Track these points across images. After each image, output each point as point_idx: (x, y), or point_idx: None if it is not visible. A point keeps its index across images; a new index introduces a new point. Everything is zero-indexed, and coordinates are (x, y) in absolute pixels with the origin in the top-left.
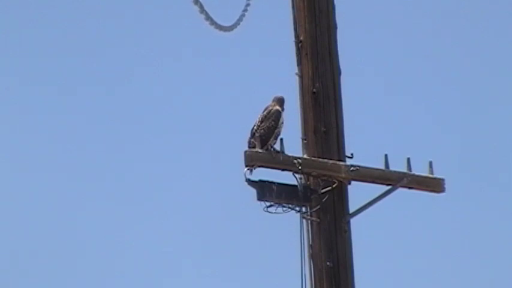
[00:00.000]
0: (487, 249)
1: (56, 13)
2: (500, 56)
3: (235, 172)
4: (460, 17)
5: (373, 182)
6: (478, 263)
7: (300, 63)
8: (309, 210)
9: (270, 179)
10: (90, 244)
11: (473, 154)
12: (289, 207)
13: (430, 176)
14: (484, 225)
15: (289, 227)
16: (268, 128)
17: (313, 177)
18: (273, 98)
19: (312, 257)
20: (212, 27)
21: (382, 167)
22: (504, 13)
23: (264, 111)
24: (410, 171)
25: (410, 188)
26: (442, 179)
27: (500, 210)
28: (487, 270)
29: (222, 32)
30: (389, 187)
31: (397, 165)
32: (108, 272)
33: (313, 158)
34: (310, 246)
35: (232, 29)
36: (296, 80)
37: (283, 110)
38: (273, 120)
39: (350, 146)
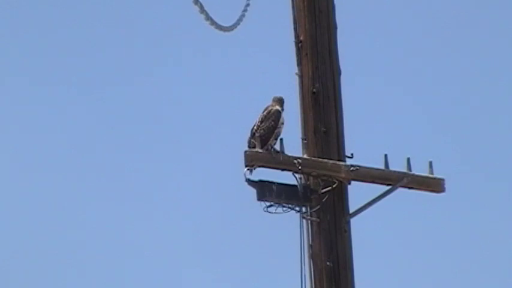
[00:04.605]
0: (487, 249)
1: (56, 13)
2: (500, 56)
3: (235, 172)
4: (460, 17)
5: (373, 182)
6: (478, 263)
7: (300, 63)
8: (309, 210)
9: (270, 179)
10: (90, 244)
11: (473, 154)
12: (289, 207)
13: (430, 176)
14: (484, 225)
15: (289, 227)
16: (268, 128)
17: (313, 177)
18: (272, 98)
19: (312, 257)
20: (212, 27)
21: (382, 167)
22: (504, 13)
23: (264, 111)
24: (410, 171)
25: (410, 188)
26: (442, 179)
27: (500, 210)
28: (487, 270)
29: (222, 32)
30: (389, 187)
31: (397, 165)
32: (108, 271)
33: (313, 158)
34: (310, 246)
35: (232, 29)
36: (296, 80)
37: (283, 110)
38: (273, 120)
39: (350, 146)
